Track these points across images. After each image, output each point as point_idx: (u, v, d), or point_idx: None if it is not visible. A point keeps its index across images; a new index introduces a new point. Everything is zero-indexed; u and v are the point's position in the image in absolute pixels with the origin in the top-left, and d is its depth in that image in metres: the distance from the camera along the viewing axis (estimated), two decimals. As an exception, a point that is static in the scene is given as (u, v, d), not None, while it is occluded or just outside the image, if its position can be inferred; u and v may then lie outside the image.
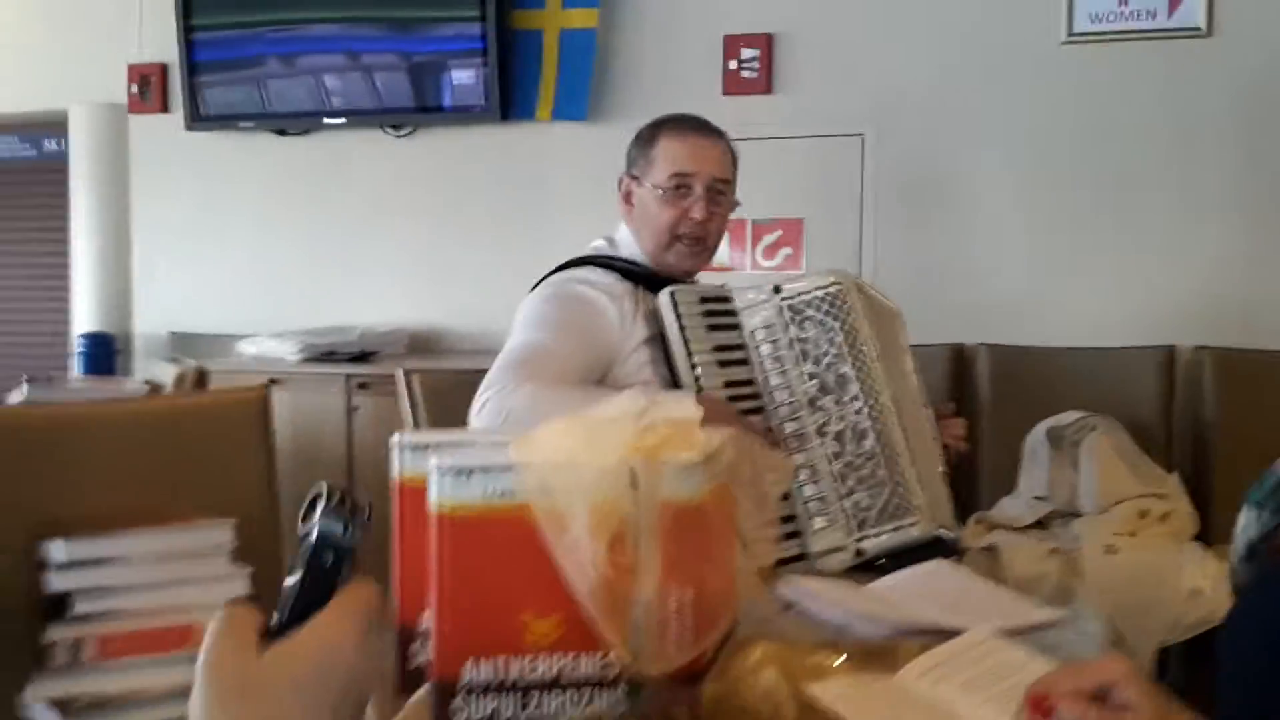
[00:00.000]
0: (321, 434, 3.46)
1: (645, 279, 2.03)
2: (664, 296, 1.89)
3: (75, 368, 4.32)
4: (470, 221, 3.96)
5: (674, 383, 1.89)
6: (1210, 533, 3.03)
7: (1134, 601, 2.65)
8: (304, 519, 0.78)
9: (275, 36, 3.98)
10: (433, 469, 1.05)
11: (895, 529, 1.83)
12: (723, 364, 1.88)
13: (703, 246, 2.07)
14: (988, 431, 3.32)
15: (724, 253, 3.67)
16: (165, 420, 1.98)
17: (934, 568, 1.48)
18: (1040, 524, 3.06)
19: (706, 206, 2.03)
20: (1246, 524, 0.92)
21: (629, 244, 2.09)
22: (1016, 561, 2.83)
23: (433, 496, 1.05)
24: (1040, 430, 3.14)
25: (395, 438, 1.15)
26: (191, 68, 4.06)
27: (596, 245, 2.12)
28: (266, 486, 2.03)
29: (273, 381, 3.49)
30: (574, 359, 1.88)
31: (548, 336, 1.89)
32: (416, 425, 2.34)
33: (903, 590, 1.43)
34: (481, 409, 1.78)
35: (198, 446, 1.97)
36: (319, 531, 0.77)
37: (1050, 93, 3.39)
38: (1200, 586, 2.64)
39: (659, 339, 1.92)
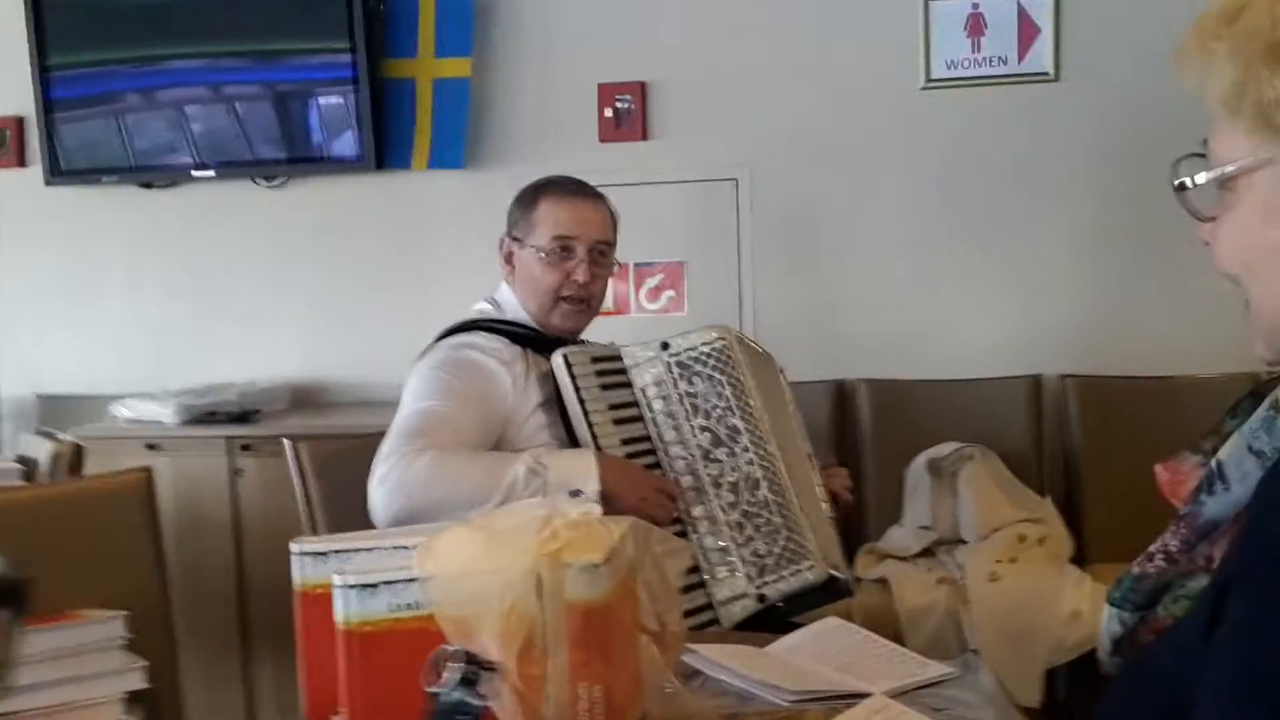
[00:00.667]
0: (205, 499, 3.36)
1: (533, 341, 2.04)
2: (557, 359, 1.92)
3: (-65, 436, 4.12)
4: (349, 272, 3.91)
5: (572, 444, 1.91)
6: (1085, 552, 3.17)
7: (1019, 627, 2.76)
8: (431, 680, 0.86)
9: (134, 71, 3.84)
10: (336, 584, 1.05)
11: (793, 573, 1.88)
12: (618, 421, 1.92)
13: (586, 307, 2.11)
14: (871, 463, 3.42)
15: (608, 297, 3.70)
16: (43, 510, 1.91)
17: (826, 627, 1.52)
18: (927, 551, 3.16)
19: (589, 268, 2.07)
20: (1109, 621, 0.98)
21: (513, 305, 2.10)
22: (907, 592, 2.92)
23: (338, 613, 1.05)
24: (920, 461, 3.25)
25: (294, 545, 1.14)
26: (49, 114, 3.92)
27: (480, 308, 2.12)
28: (156, 572, 1.97)
29: (150, 446, 3.42)
30: (469, 424, 1.89)
31: (441, 404, 1.89)
32: (307, 496, 2.30)
33: (801, 652, 1.47)
34: (383, 479, 1.77)
35: (79, 536, 1.90)
36: (449, 702, 0.86)
37: (913, 136, 3.52)
38: (1079, 608, 2.76)
39: (554, 401, 1.94)
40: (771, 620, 1.90)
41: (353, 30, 3.64)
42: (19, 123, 4.12)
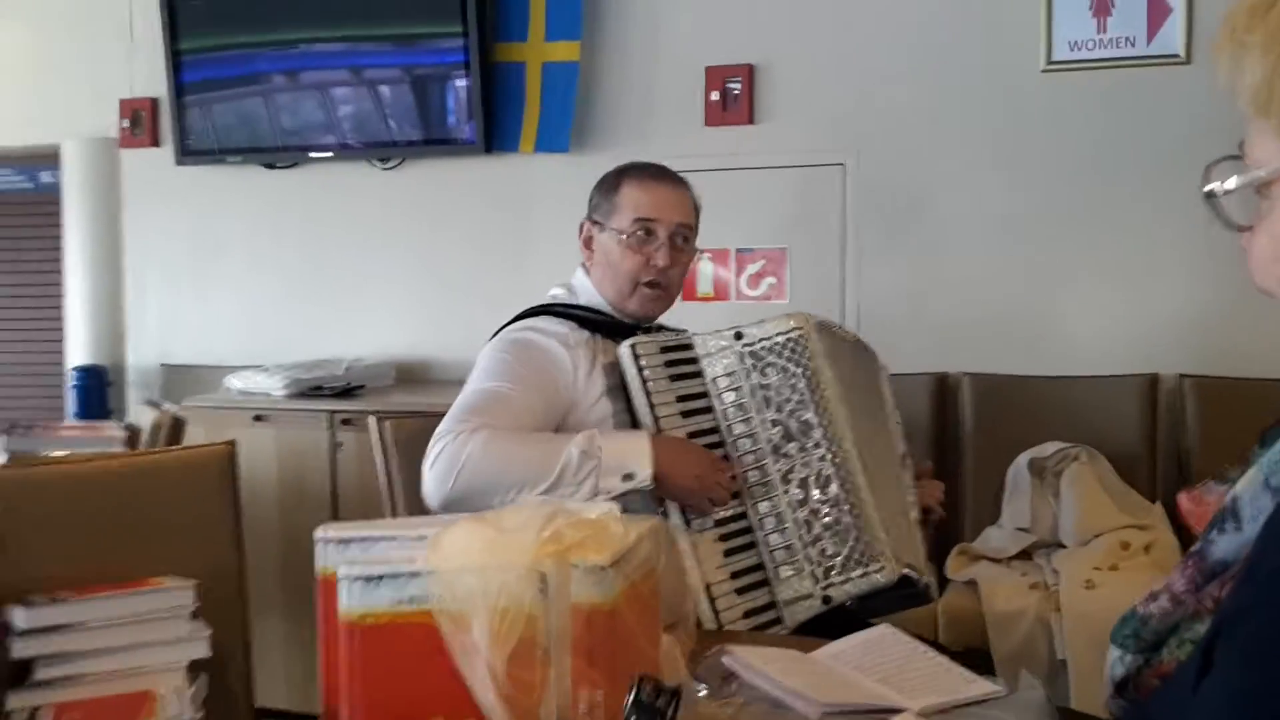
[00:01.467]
0: (307, 471, 3.47)
1: (604, 327, 2.03)
2: (624, 349, 1.90)
3: (69, 402, 4.35)
4: (457, 252, 3.97)
5: None
6: (1194, 563, 3.02)
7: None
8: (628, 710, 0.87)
9: (260, 55, 3.99)
10: (340, 575, 1.06)
11: (862, 575, 1.83)
12: (686, 414, 1.89)
13: (665, 293, 2.07)
14: (971, 461, 3.32)
15: (709, 283, 3.69)
16: (129, 479, 1.99)
17: (878, 635, 1.48)
18: (1024, 554, 3.05)
19: (670, 253, 2.04)
20: (1113, 663, 0.92)
21: (588, 291, 2.09)
22: (996, 596, 2.83)
23: (341, 604, 1.06)
24: (1022, 461, 3.14)
25: (318, 532, 1.16)
26: (180, 96, 4.09)
27: (554, 293, 2.12)
28: (233, 544, 2.03)
29: (258, 418, 3.54)
30: (529, 406, 1.88)
31: (501, 385, 1.90)
32: (388, 474, 2.34)
33: (846, 659, 1.43)
34: (436, 459, 1.79)
35: (162, 505, 1.98)
36: None
37: (1030, 120, 3.39)
38: (1179, 622, 2.63)
39: (620, 390, 1.93)
40: (846, 622, 1.85)
41: (465, 14, 3.68)
42: (153, 104, 4.30)
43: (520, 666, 0.99)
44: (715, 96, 3.62)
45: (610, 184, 2.11)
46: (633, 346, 1.90)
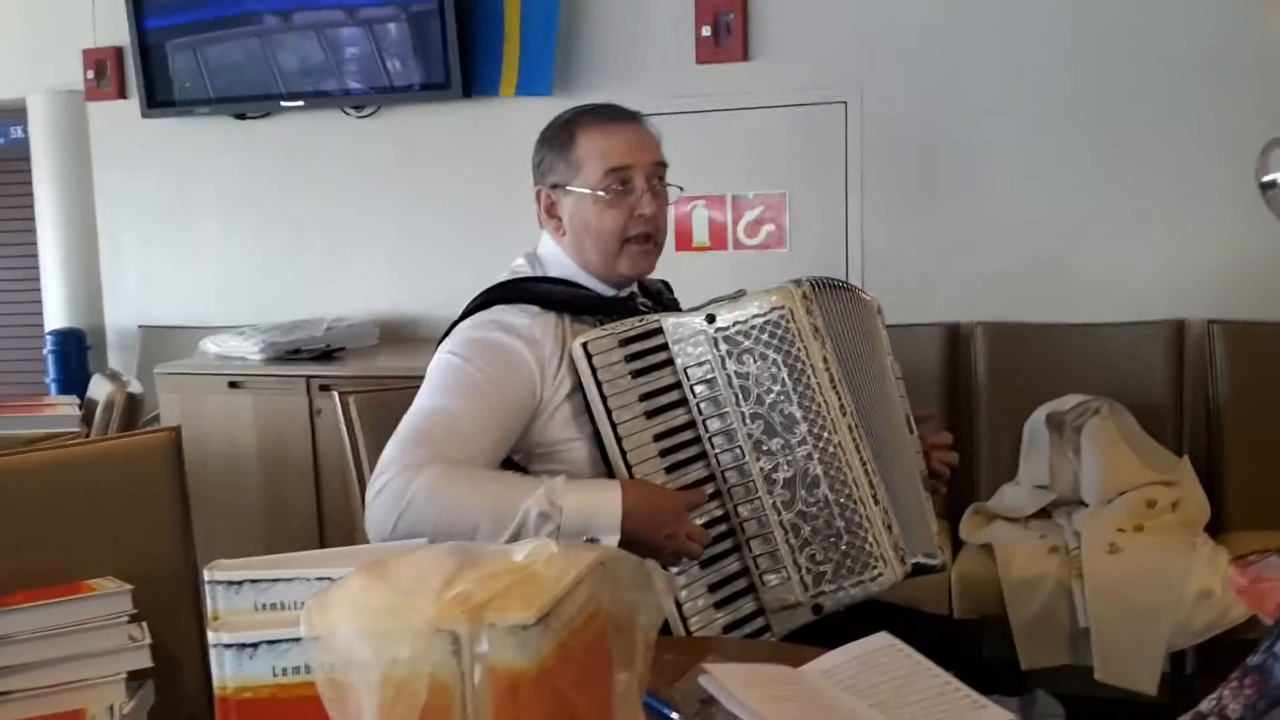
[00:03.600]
0: (286, 438, 3.31)
1: (577, 304, 1.80)
2: (576, 348, 1.68)
3: (49, 366, 4.20)
4: (438, 203, 3.78)
5: (599, 443, 1.68)
6: (1223, 519, 2.85)
7: (1139, 605, 2.48)
8: None
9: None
10: (211, 643, 0.89)
11: (855, 583, 1.65)
12: (651, 413, 1.67)
13: (654, 245, 1.83)
14: (985, 416, 3.14)
15: (704, 231, 3.49)
16: (65, 470, 1.82)
17: (877, 647, 1.31)
18: (1043, 513, 2.88)
19: (654, 198, 1.79)
20: None
21: (558, 261, 1.85)
22: (1014, 562, 2.66)
23: (215, 675, 0.89)
24: (1039, 415, 2.95)
25: (206, 572, 0.98)
26: (143, 43, 3.88)
27: (517, 265, 1.89)
28: (181, 538, 1.87)
29: (233, 384, 3.38)
30: (485, 425, 1.67)
31: (456, 403, 1.67)
32: (355, 453, 2.18)
33: (839, 676, 1.27)
34: (379, 494, 1.56)
35: (103, 498, 1.82)
36: None
37: (1048, 52, 3.14)
38: (1210, 587, 2.46)
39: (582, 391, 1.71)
40: (842, 619, 1.68)
41: (436, -53, 3.45)
42: (118, 53, 4.09)
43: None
44: (707, 31, 3.39)
45: (562, 138, 1.83)
46: (584, 345, 1.67)
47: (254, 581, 0.96)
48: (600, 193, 1.78)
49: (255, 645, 0.86)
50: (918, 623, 1.76)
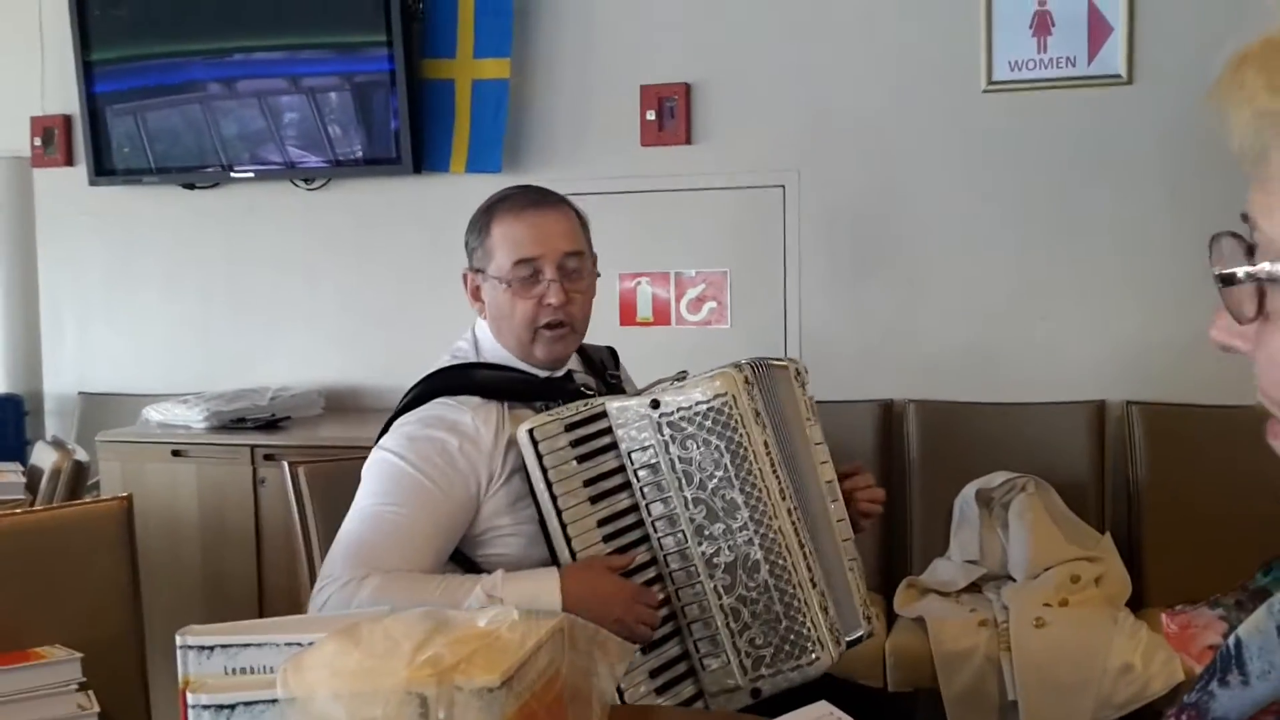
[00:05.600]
0: (228, 508, 3.30)
1: (515, 389, 1.83)
2: (522, 434, 1.70)
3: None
4: (386, 275, 3.83)
5: (543, 527, 1.71)
6: (1144, 595, 2.95)
7: (1064, 680, 2.56)
8: None
9: (182, 64, 3.80)
10: (190, 704, 0.93)
11: (794, 668, 1.68)
12: (596, 499, 1.70)
13: (570, 330, 1.86)
14: (918, 490, 3.24)
15: (649, 307, 3.58)
16: (16, 537, 1.83)
17: (817, 716, 1.37)
18: (974, 587, 2.97)
19: (562, 289, 1.82)
20: None
21: (490, 344, 1.89)
22: (945, 635, 2.74)
23: (190, 739, 0.92)
24: (969, 491, 3.06)
25: (178, 637, 1.02)
26: (93, 111, 3.90)
27: (458, 347, 1.93)
28: (130, 608, 1.88)
29: (176, 453, 3.37)
30: (426, 529, 1.70)
31: (395, 509, 1.70)
32: (303, 523, 2.20)
33: (782, 744, 1.33)
34: (324, 606, 1.60)
35: (53, 565, 1.83)
36: None
37: (973, 142, 3.31)
38: (1131, 662, 2.56)
39: (525, 475, 1.73)
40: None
41: (390, 28, 3.54)
42: (66, 121, 4.12)
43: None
44: (651, 116, 3.51)
45: (480, 225, 1.88)
46: (530, 431, 1.69)
47: (225, 646, 1.00)
48: (507, 283, 1.82)
49: (232, 706, 0.89)
50: (854, 694, 1.81)
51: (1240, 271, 0.64)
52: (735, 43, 3.46)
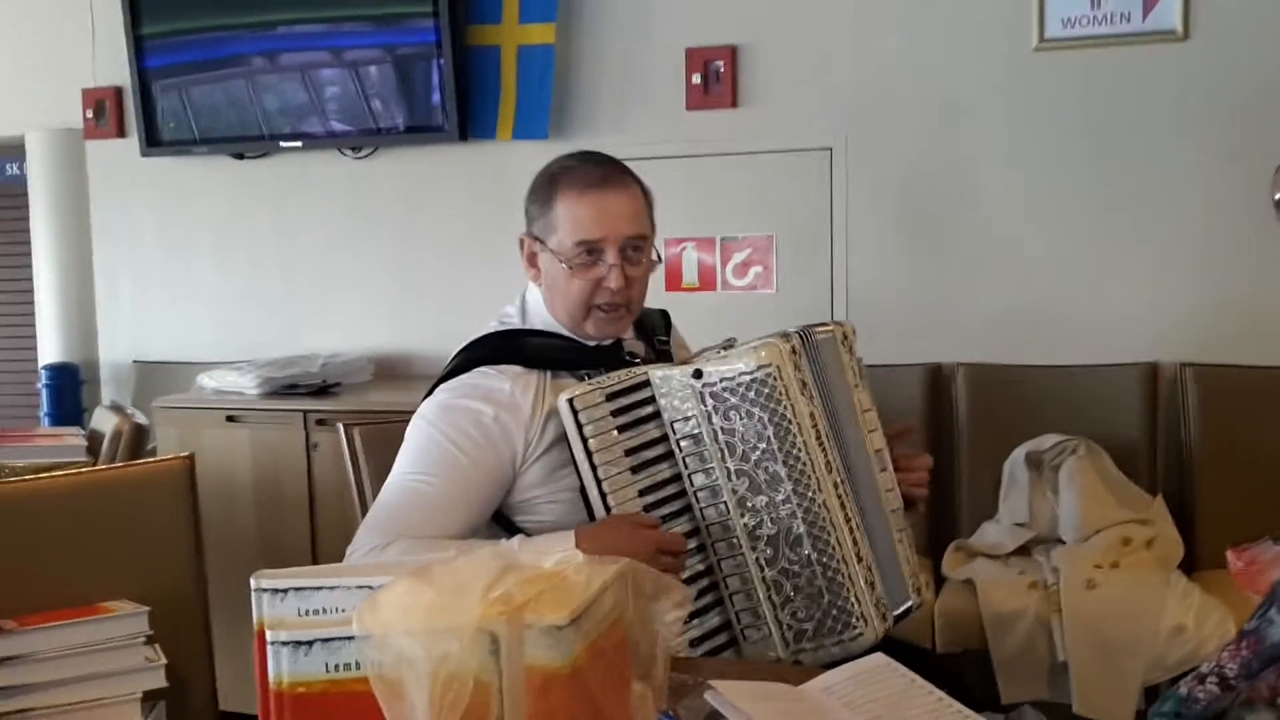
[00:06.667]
0: (282, 472, 3.36)
1: (561, 357, 1.82)
2: (562, 404, 1.68)
3: (42, 400, 4.23)
4: (433, 243, 3.86)
5: (584, 496, 1.70)
6: (1196, 557, 2.93)
7: (1115, 640, 2.55)
8: None
9: (231, 37, 3.83)
10: (269, 640, 0.95)
11: (836, 642, 1.67)
12: (637, 468, 1.69)
13: (625, 311, 1.83)
14: (966, 455, 3.22)
15: (694, 272, 3.58)
16: (81, 496, 1.88)
17: (872, 666, 1.38)
18: (1023, 550, 2.96)
19: (622, 272, 1.78)
20: None
21: (540, 312, 1.87)
22: (994, 596, 2.73)
23: (270, 671, 0.95)
24: (1019, 454, 3.04)
25: (252, 580, 1.05)
26: (143, 84, 3.95)
27: (506, 313, 1.91)
28: (193, 563, 1.93)
29: (230, 418, 3.43)
30: (458, 499, 1.71)
31: (430, 482, 1.71)
32: (358, 482, 2.24)
33: (838, 694, 1.34)
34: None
35: (118, 523, 1.87)
36: None
37: (1024, 101, 3.27)
38: (1183, 623, 2.54)
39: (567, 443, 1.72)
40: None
41: (437, -3, 3.55)
42: (117, 93, 4.17)
43: (468, 737, 0.87)
44: (697, 79, 3.50)
45: (543, 194, 1.82)
46: (570, 400, 1.67)
47: (298, 589, 1.02)
48: (567, 262, 1.78)
49: (310, 643, 0.92)
50: (902, 655, 1.80)
51: None
52: (781, 5, 3.44)
